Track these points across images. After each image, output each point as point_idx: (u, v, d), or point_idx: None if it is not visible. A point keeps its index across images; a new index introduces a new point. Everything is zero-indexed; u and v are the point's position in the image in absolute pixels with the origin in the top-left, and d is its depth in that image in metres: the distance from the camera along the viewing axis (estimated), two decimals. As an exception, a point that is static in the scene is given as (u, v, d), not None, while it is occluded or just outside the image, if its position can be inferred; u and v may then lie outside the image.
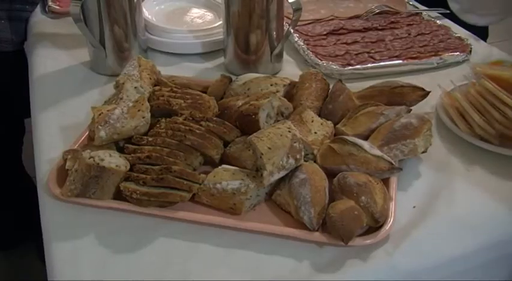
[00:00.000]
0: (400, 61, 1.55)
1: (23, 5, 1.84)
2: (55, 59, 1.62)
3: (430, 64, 1.55)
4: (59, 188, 1.09)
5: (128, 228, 1.04)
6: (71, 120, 1.33)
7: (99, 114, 1.14)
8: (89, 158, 1.06)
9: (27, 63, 1.68)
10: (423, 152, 1.16)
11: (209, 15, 1.77)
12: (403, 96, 1.29)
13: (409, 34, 1.71)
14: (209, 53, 1.62)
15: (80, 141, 1.21)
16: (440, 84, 1.38)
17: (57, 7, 1.89)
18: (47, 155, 1.23)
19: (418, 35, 1.71)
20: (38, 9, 1.91)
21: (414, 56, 1.58)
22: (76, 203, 1.07)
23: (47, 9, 1.89)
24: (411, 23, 1.79)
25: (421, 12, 1.85)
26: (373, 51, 1.61)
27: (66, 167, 1.11)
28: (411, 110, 1.24)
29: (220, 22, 1.59)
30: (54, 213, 1.08)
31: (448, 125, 1.28)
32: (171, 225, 1.04)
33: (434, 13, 1.85)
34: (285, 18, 1.51)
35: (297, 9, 1.40)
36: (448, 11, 1.82)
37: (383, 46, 1.64)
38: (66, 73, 1.56)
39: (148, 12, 1.70)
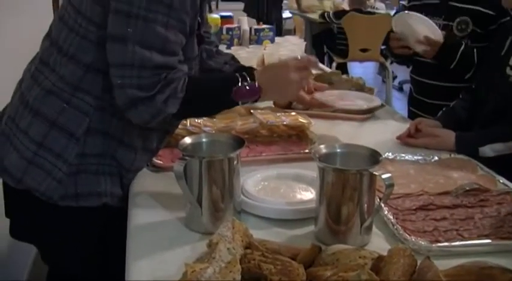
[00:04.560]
0: (490, 241, 1.54)
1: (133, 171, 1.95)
2: (152, 211, 1.71)
3: (521, 247, 1.53)
4: None
5: None
6: (162, 272, 1.38)
7: (192, 272, 1.19)
8: (180, 315, 1.10)
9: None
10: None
11: (303, 187, 1.82)
12: (493, 278, 1.26)
13: (499, 213, 1.70)
14: (300, 220, 1.65)
15: (171, 295, 1.25)
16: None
17: (160, 162, 2.01)
18: (137, 304, 1.27)
19: (509, 214, 1.69)
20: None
21: (504, 236, 1.56)
22: None
23: (149, 163, 2.00)
24: (501, 201, 1.78)
25: (512, 191, 1.85)
26: (461, 228, 1.60)
27: (155, 321, 1.15)
28: (500, 292, 1.23)
29: (313, 196, 1.64)
30: None
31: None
32: None
33: (525, 193, 1.84)
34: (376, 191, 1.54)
35: (390, 185, 1.44)
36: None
37: (472, 224, 1.63)
38: (161, 226, 1.63)
39: (245, 175, 1.77)
